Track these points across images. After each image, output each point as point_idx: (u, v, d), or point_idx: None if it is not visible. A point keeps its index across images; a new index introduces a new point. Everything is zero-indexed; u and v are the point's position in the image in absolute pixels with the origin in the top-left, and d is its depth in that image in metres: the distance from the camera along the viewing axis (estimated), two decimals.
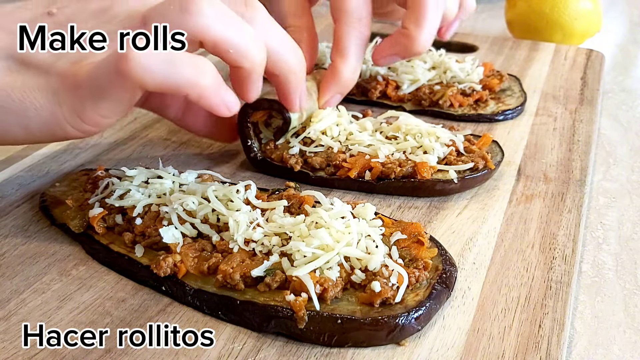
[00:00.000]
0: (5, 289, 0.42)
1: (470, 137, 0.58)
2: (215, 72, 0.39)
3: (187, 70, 0.37)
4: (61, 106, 0.40)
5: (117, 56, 0.37)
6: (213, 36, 0.39)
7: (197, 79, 0.38)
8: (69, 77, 0.39)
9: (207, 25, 0.38)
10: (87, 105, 0.39)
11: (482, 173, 0.53)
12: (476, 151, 0.55)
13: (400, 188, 0.52)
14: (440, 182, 0.51)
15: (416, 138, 0.55)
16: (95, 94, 0.39)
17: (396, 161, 0.52)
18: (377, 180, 0.52)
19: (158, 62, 0.37)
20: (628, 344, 0.41)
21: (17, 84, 0.40)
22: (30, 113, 0.40)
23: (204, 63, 0.39)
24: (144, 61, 0.36)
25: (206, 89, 0.38)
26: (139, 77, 0.37)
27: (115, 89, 0.38)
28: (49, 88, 0.39)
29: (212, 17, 0.39)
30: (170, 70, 0.37)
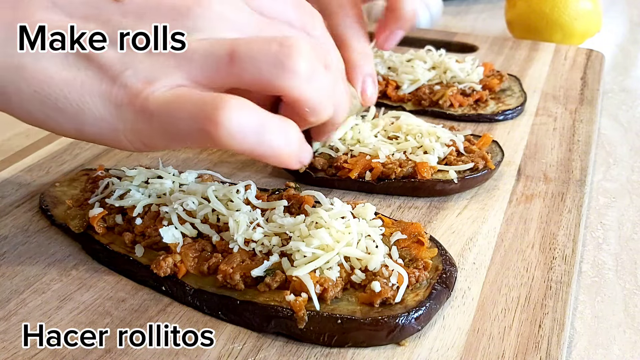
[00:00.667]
0: (5, 288, 0.42)
1: (470, 137, 0.58)
2: (299, 135, 0.36)
3: (276, 142, 0.34)
4: (124, 124, 0.36)
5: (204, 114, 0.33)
6: (297, 96, 0.36)
7: (283, 149, 0.35)
8: (138, 99, 0.35)
9: (295, 87, 0.35)
10: (156, 138, 0.36)
11: (482, 173, 0.53)
12: (476, 151, 0.55)
13: (400, 188, 0.52)
14: (440, 182, 0.52)
15: (416, 138, 0.55)
16: (169, 133, 0.35)
17: (397, 161, 0.53)
18: (377, 181, 0.52)
19: (248, 131, 0.33)
20: (628, 344, 0.41)
21: (76, 84, 0.35)
22: (86, 119, 0.36)
23: (291, 130, 0.35)
24: (235, 129, 0.33)
25: (289, 156, 0.36)
26: (225, 142, 0.33)
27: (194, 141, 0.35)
28: (113, 99, 0.35)
29: (304, 78, 0.35)
30: (260, 141, 0.34)
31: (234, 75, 0.35)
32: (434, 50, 0.75)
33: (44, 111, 0.36)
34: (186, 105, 0.34)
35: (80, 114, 0.36)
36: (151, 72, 0.35)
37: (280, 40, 0.35)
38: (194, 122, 0.33)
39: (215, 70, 0.35)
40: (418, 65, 0.71)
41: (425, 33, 0.95)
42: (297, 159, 0.36)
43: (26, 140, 0.67)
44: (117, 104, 0.35)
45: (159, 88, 0.35)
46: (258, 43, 0.35)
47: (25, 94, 0.35)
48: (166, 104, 0.34)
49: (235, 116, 0.33)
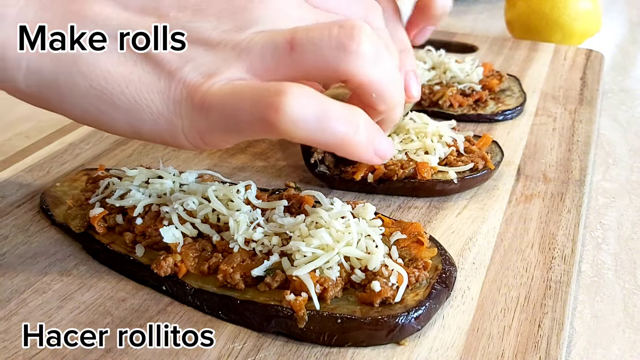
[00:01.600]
0: (5, 288, 0.42)
1: (469, 137, 0.58)
2: (369, 123, 0.35)
3: (340, 128, 0.33)
4: (182, 120, 0.35)
5: (265, 101, 0.32)
6: (361, 80, 0.35)
7: (350, 137, 0.33)
8: (198, 93, 0.34)
9: (359, 68, 0.34)
10: (215, 132, 0.35)
11: (482, 173, 0.53)
12: (476, 151, 0.55)
13: (401, 189, 0.52)
14: (440, 182, 0.52)
15: (419, 137, 0.55)
16: (228, 126, 0.34)
17: (398, 162, 0.53)
18: (378, 182, 0.52)
19: (310, 117, 0.32)
20: (627, 344, 0.41)
21: (134, 79, 0.34)
22: (144, 116, 0.35)
23: (357, 116, 0.34)
24: (296, 115, 0.32)
25: (357, 145, 0.34)
26: (287, 131, 0.32)
27: (254, 132, 0.34)
28: (171, 95, 0.34)
29: (368, 60, 0.34)
30: (322, 128, 0.33)
31: (295, 63, 0.34)
32: (433, 51, 0.75)
33: (100, 107, 0.35)
34: (246, 94, 0.33)
35: (138, 111, 0.35)
36: (210, 66, 0.34)
37: (340, 23, 0.34)
38: (254, 111, 0.33)
39: (276, 60, 0.34)
40: (418, 65, 0.71)
41: None
42: (370, 149, 0.35)
43: (27, 141, 0.68)
44: (175, 100, 0.34)
45: (219, 81, 0.34)
46: (318, 28, 0.34)
47: (80, 89, 0.34)
48: (225, 96, 0.33)
49: (297, 102, 0.32)
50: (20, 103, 0.39)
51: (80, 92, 0.35)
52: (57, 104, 0.36)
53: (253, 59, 0.34)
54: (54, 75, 0.35)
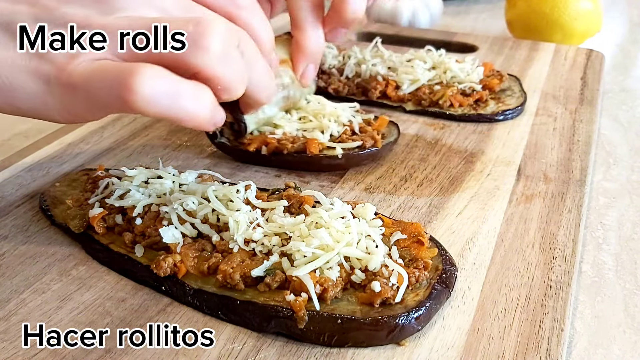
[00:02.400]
0: (5, 289, 0.42)
1: (370, 119, 0.61)
2: (213, 99, 0.38)
3: (189, 105, 0.37)
4: (53, 97, 0.38)
5: (121, 82, 0.35)
6: (209, 74, 0.38)
7: (197, 112, 0.37)
8: (64, 72, 0.37)
9: (207, 64, 0.37)
10: (80, 107, 0.38)
11: (368, 151, 0.56)
12: (369, 131, 0.58)
13: (292, 162, 0.57)
14: (327, 157, 0.55)
15: (317, 118, 0.59)
16: (91, 102, 0.37)
17: (290, 137, 0.57)
18: (271, 155, 0.56)
19: (162, 95, 0.36)
20: (628, 344, 0.41)
21: (7, 62, 0.37)
22: (19, 95, 0.38)
23: (204, 94, 0.38)
24: (148, 94, 0.35)
25: (203, 119, 0.38)
26: (141, 108, 0.35)
27: (113, 107, 0.37)
28: (42, 75, 0.37)
29: (216, 57, 0.37)
30: (172, 105, 0.36)
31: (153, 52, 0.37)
32: (434, 50, 0.75)
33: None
34: (104, 75, 0.36)
35: (13, 91, 0.38)
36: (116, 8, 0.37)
37: (197, 20, 0.37)
38: (111, 90, 0.35)
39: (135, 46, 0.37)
40: (418, 65, 0.71)
41: (425, 33, 0.95)
42: (211, 121, 0.39)
43: (26, 141, 0.68)
44: (45, 80, 0.37)
45: (83, 61, 0.37)
46: (176, 22, 0.37)
47: None
48: (88, 76, 0.36)
49: (149, 83, 0.35)
50: None
51: None
52: None
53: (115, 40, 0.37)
54: None
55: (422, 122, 0.67)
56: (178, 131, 0.64)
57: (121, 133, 0.63)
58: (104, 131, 0.64)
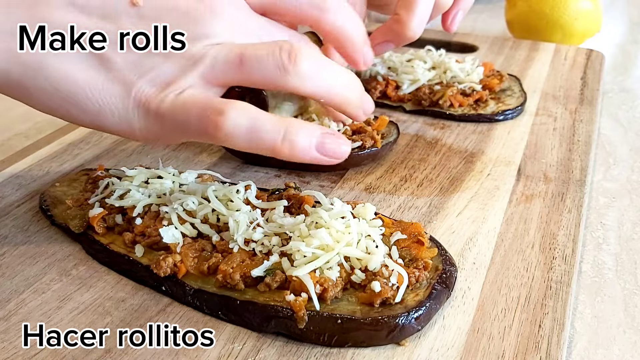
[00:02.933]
0: (5, 289, 0.42)
1: (369, 119, 0.61)
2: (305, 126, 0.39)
3: (269, 135, 0.37)
4: (139, 123, 0.39)
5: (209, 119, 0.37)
6: (304, 92, 0.40)
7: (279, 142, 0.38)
8: (153, 102, 0.38)
9: (300, 85, 0.39)
10: (164, 134, 0.39)
11: (368, 152, 0.56)
12: (368, 131, 0.58)
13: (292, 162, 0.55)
14: None
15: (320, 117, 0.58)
16: (178, 133, 0.39)
17: None
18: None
19: (243, 131, 0.37)
20: (628, 344, 0.41)
21: (98, 85, 0.38)
22: (106, 117, 0.39)
23: (288, 123, 0.38)
24: (231, 131, 0.37)
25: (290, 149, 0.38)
26: (225, 142, 0.38)
27: (200, 139, 0.39)
28: (131, 102, 0.39)
29: (307, 76, 0.39)
30: (253, 139, 0.37)
31: (243, 76, 0.39)
32: (434, 50, 0.75)
33: (65, 107, 0.39)
34: (194, 110, 0.38)
35: (101, 113, 0.39)
36: (167, 76, 0.38)
37: (280, 45, 0.39)
38: (199, 125, 0.37)
39: (227, 71, 0.39)
40: (418, 65, 0.71)
41: (425, 33, 0.94)
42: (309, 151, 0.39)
43: (26, 141, 0.68)
44: (134, 106, 0.39)
45: (173, 91, 0.38)
46: (263, 48, 0.39)
47: (47, 92, 0.38)
48: (177, 109, 0.38)
49: (233, 120, 0.37)
50: (20, 104, 0.40)
51: (46, 94, 0.38)
52: (25, 101, 0.40)
53: (206, 68, 0.39)
54: (22, 78, 0.38)
55: (422, 122, 0.67)
56: None
57: None
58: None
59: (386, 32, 0.56)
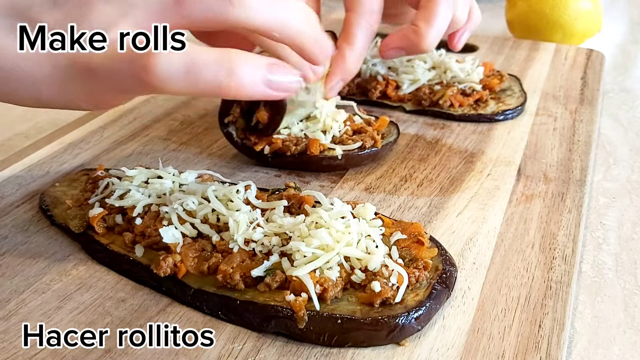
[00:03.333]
0: (5, 289, 0.42)
1: (370, 119, 0.61)
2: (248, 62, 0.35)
3: (211, 72, 0.34)
4: (74, 84, 0.36)
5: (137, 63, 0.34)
6: (255, 27, 0.36)
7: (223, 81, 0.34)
8: (81, 57, 0.35)
9: (249, 17, 0.35)
10: (102, 92, 0.37)
11: (368, 152, 0.56)
12: (369, 131, 0.58)
13: (292, 163, 0.57)
14: (327, 158, 0.55)
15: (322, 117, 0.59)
16: (112, 86, 0.36)
17: (294, 139, 0.56)
18: (272, 155, 0.56)
19: (180, 71, 0.33)
20: (628, 344, 0.41)
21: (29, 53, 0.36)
22: (40, 86, 0.36)
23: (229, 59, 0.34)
24: (166, 73, 0.33)
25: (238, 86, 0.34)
26: (162, 88, 0.34)
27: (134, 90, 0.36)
28: (59, 63, 0.36)
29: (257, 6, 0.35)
30: (194, 79, 0.34)
31: (182, 16, 0.35)
32: (434, 50, 0.75)
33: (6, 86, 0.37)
34: (123, 57, 0.34)
35: (34, 82, 0.36)
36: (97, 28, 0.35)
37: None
38: (130, 73, 0.34)
39: (161, 14, 0.35)
40: (418, 65, 0.71)
41: None
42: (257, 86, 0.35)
43: (26, 141, 0.68)
44: (64, 67, 0.36)
45: None
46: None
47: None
48: (106, 60, 0.35)
49: (164, 60, 0.33)
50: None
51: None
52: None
53: (140, 13, 0.36)
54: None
55: (422, 122, 0.67)
56: (178, 131, 0.64)
57: (121, 133, 0.63)
58: (104, 131, 0.64)
59: (402, 39, 0.57)
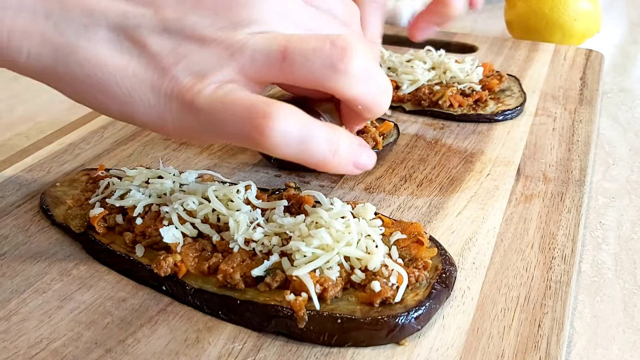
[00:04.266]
0: (5, 288, 0.42)
1: (373, 120, 0.61)
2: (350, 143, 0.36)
3: (320, 151, 0.35)
4: (172, 115, 0.36)
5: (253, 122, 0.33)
6: (348, 96, 0.36)
7: (329, 158, 0.35)
8: (189, 94, 0.35)
9: (347, 87, 0.35)
10: (201, 133, 0.36)
11: None
12: (370, 132, 0.58)
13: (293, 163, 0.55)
14: None
15: None
16: (215, 131, 0.35)
17: None
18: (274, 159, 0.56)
19: (293, 140, 0.34)
20: (627, 344, 0.41)
21: (128, 72, 0.35)
22: (136, 106, 0.36)
23: (338, 138, 0.35)
24: (280, 139, 0.33)
25: (338, 164, 0.36)
26: (271, 150, 0.34)
27: (240, 143, 0.36)
28: (163, 91, 0.35)
29: (357, 79, 0.35)
30: (304, 149, 0.34)
31: (285, 72, 0.35)
32: (433, 51, 0.75)
33: (94, 95, 0.37)
34: (235, 108, 0.34)
35: (130, 101, 0.36)
36: (203, 66, 0.35)
37: (333, 40, 0.35)
38: (241, 127, 0.34)
39: (267, 66, 0.35)
40: (418, 65, 0.71)
41: None
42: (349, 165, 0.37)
43: (27, 141, 0.68)
44: (167, 96, 0.36)
45: (210, 84, 0.35)
46: (311, 41, 0.35)
47: (77, 77, 0.36)
48: (215, 104, 0.34)
49: (281, 126, 0.33)
50: (21, 104, 0.40)
51: (77, 79, 0.36)
52: (55, 86, 0.38)
53: (245, 61, 0.35)
54: (53, 62, 0.36)
55: (421, 122, 0.67)
56: None
57: (121, 133, 0.63)
58: (104, 131, 0.64)
59: (430, 15, 0.56)
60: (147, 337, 0.38)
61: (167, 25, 0.35)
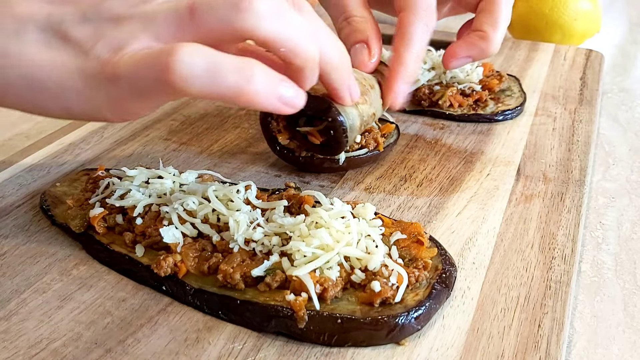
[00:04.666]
0: (6, 288, 0.42)
1: (377, 122, 0.60)
2: (266, 73, 0.36)
3: (231, 79, 0.35)
4: (100, 94, 0.37)
5: (159, 64, 0.35)
6: (263, 35, 0.36)
7: (243, 86, 0.35)
8: (108, 66, 0.36)
9: (257, 25, 0.36)
10: (126, 99, 0.37)
11: (369, 154, 0.56)
12: (373, 132, 0.58)
13: (296, 163, 0.56)
14: (328, 160, 0.55)
15: None
16: (135, 91, 0.37)
17: None
18: None
19: (201, 72, 0.34)
20: (627, 344, 0.41)
21: (57, 64, 0.37)
22: (69, 96, 0.37)
23: (250, 66, 0.35)
24: (186, 72, 0.34)
25: (254, 94, 0.35)
26: (181, 88, 0.35)
27: (155, 93, 0.36)
28: (88, 73, 0.37)
29: (264, 15, 0.36)
30: (214, 81, 0.35)
31: (197, 26, 0.36)
32: (433, 51, 0.75)
33: (32, 95, 0.38)
34: (146, 60, 0.36)
35: (64, 94, 0.37)
36: (120, 40, 0.37)
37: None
38: (152, 74, 0.35)
39: (178, 26, 0.37)
40: None
41: None
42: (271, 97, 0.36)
43: (26, 141, 0.68)
44: (92, 76, 0.37)
45: (127, 53, 0.36)
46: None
47: (12, 80, 0.37)
48: (130, 65, 0.36)
49: (186, 60, 0.34)
50: None
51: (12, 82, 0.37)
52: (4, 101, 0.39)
53: (158, 27, 0.37)
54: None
55: (421, 122, 0.67)
56: (178, 131, 0.64)
57: (121, 133, 0.63)
58: (104, 131, 0.64)
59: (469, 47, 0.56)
60: (147, 337, 0.38)
61: (86, 14, 0.38)
